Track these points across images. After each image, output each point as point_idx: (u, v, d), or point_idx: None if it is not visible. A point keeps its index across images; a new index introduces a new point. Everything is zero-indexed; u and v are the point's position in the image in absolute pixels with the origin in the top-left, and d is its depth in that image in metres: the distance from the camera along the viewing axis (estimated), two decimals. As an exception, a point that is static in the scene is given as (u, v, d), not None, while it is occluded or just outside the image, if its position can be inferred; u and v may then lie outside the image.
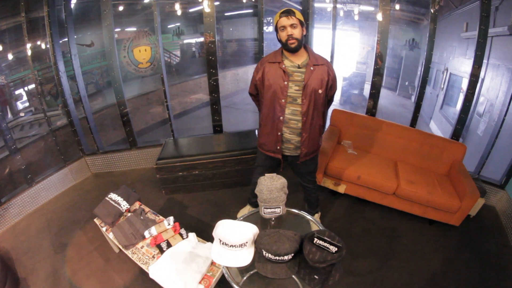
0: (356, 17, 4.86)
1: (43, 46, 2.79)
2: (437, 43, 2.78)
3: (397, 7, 4.18)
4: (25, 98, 2.94)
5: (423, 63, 2.92)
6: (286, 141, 1.85)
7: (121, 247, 1.83)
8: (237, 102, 4.80)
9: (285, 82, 1.69)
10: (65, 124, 3.11)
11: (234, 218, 1.63)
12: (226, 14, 3.89)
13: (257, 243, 1.15)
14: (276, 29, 1.68)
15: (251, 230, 1.17)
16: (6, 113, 2.75)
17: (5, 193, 2.61)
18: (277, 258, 1.09)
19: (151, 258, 1.71)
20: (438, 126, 5.08)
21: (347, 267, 2.07)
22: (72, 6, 2.89)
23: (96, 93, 3.71)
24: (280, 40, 1.69)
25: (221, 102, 3.23)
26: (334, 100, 2.02)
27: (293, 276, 1.14)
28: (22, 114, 2.92)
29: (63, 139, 3.12)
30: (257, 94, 1.93)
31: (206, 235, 1.89)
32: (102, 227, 1.98)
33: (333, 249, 1.05)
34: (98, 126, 3.40)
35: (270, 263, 1.11)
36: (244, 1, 3.62)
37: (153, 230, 1.82)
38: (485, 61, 2.69)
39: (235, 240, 1.12)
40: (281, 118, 1.76)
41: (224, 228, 1.17)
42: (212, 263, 1.63)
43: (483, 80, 3.59)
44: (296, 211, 1.50)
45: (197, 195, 2.88)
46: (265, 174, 1.35)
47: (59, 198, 2.95)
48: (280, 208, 1.32)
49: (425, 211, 2.43)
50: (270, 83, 1.73)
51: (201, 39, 3.75)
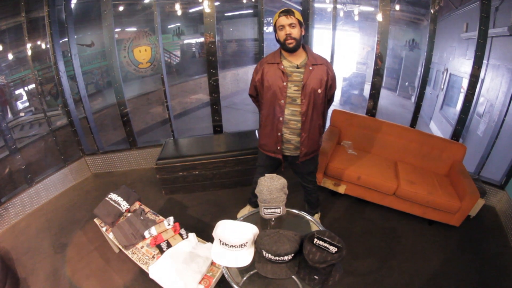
0: (356, 18, 4.86)
1: (43, 46, 2.79)
2: (437, 44, 2.78)
3: (397, 7, 4.19)
4: (25, 98, 2.95)
5: (423, 64, 2.92)
6: (286, 141, 1.84)
7: (121, 247, 1.83)
8: (237, 103, 4.80)
9: (284, 83, 1.68)
10: (65, 124, 3.11)
11: (234, 218, 1.63)
12: (226, 15, 3.90)
13: (257, 244, 1.15)
14: (275, 28, 1.67)
15: (251, 231, 1.17)
16: (6, 113, 2.75)
17: (5, 193, 2.61)
18: (277, 258, 1.09)
19: (151, 258, 1.71)
20: (438, 126, 5.08)
21: (347, 267, 2.07)
22: (73, 6, 2.90)
23: (96, 93, 3.72)
24: (279, 40, 1.68)
25: (221, 103, 3.23)
26: (334, 101, 2.01)
27: (293, 277, 1.14)
28: (22, 114, 2.92)
29: (63, 139, 3.13)
30: (257, 95, 1.92)
31: (206, 235, 1.89)
32: (102, 227, 1.98)
33: (333, 249, 1.05)
34: (98, 126, 3.40)
35: (270, 263, 1.11)
36: (244, 1, 3.62)
37: (153, 230, 1.82)
38: (485, 61, 2.69)
39: (235, 240, 1.12)
40: (280, 118, 1.76)
41: (224, 228, 1.18)
42: (212, 263, 1.63)
43: (483, 80, 3.59)
44: (296, 211, 1.50)
45: (197, 195, 2.88)
46: (265, 175, 1.35)
47: (59, 198, 2.95)
48: (280, 208, 1.32)
49: (425, 211, 2.43)
50: (269, 84, 1.72)
51: (201, 39, 3.75)
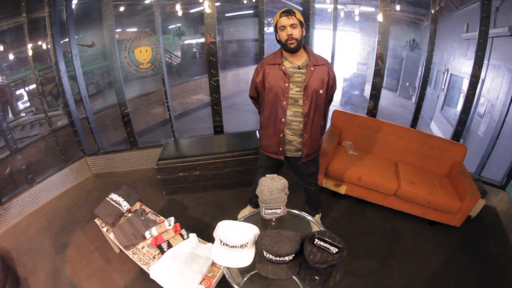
0: (357, 18, 4.85)
1: (44, 47, 2.79)
2: (437, 44, 2.78)
3: (398, 8, 4.18)
4: (26, 98, 2.95)
5: (424, 64, 2.92)
6: (288, 142, 1.84)
7: (121, 248, 1.83)
8: (238, 103, 4.79)
9: (286, 84, 1.68)
10: (66, 124, 3.11)
11: (235, 218, 1.63)
12: (226, 15, 3.89)
13: (258, 244, 1.15)
14: (276, 29, 1.66)
15: (251, 231, 1.17)
16: (7, 113, 2.76)
17: (5, 193, 2.61)
18: (277, 258, 1.09)
19: (151, 258, 1.71)
20: (438, 127, 5.06)
21: (348, 267, 2.07)
22: (73, 6, 2.90)
23: (97, 94, 3.71)
24: (280, 41, 1.67)
25: (222, 103, 3.24)
26: (335, 101, 2.01)
27: (293, 277, 1.14)
28: (23, 114, 2.92)
29: (64, 139, 3.13)
30: (258, 96, 1.92)
31: (206, 236, 1.89)
32: (102, 227, 1.99)
33: (334, 250, 1.05)
34: (99, 126, 3.40)
35: (271, 263, 1.11)
36: (245, 1, 3.62)
37: (154, 231, 1.82)
38: (485, 62, 2.68)
39: (236, 240, 1.12)
40: (282, 120, 1.75)
41: (224, 228, 1.18)
42: (213, 264, 1.63)
43: (483, 81, 3.57)
44: (296, 212, 1.50)
45: (198, 195, 2.88)
46: (266, 175, 1.35)
47: (59, 198, 2.95)
48: (280, 209, 1.32)
49: (426, 212, 2.43)
50: (271, 86, 1.71)
51: (202, 40, 3.74)
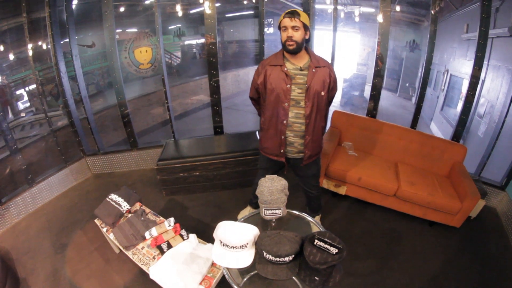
0: (357, 19, 4.86)
1: (44, 47, 2.80)
2: (437, 45, 2.78)
3: (398, 8, 4.19)
4: (26, 98, 2.95)
5: (424, 65, 2.92)
6: (289, 144, 1.83)
7: (121, 248, 1.83)
8: (238, 104, 4.80)
9: (288, 85, 1.67)
10: (66, 124, 3.11)
11: (235, 219, 1.63)
12: (227, 16, 3.90)
13: (258, 245, 1.15)
14: (279, 28, 1.66)
15: (251, 232, 1.17)
16: (7, 113, 2.76)
17: (5, 193, 2.61)
18: (277, 259, 1.09)
19: (151, 259, 1.71)
20: (438, 127, 5.07)
21: (348, 268, 2.07)
22: (74, 7, 2.90)
23: (97, 94, 3.71)
24: (281, 40, 1.68)
25: (222, 104, 3.24)
26: (335, 102, 2.01)
27: (293, 278, 1.14)
28: (23, 114, 2.92)
29: (64, 140, 3.13)
30: (258, 98, 1.90)
31: (206, 236, 1.89)
32: (102, 227, 1.99)
33: (334, 250, 1.05)
34: (99, 126, 3.40)
35: (271, 264, 1.11)
36: (245, 2, 3.63)
37: (154, 231, 1.82)
38: (485, 62, 2.69)
39: (236, 241, 1.12)
40: (284, 121, 1.74)
41: (224, 229, 1.18)
42: (213, 264, 1.63)
43: (483, 81, 3.58)
44: (296, 212, 1.50)
45: (198, 196, 2.88)
46: (266, 176, 1.35)
47: (59, 199, 2.95)
48: (280, 209, 1.32)
49: (426, 212, 2.43)
50: (272, 87, 1.70)
51: (202, 40, 3.75)
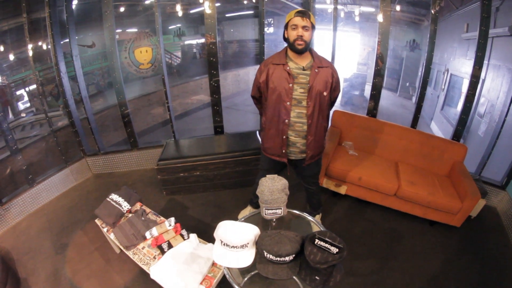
0: (357, 18, 4.85)
1: (44, 47, 2.80)
2: (437, 44, 2.78)
3: (398, 8, 4.18)
4: (26, 98, 2.95)
5: (424, 64, 2.92)
6: (292, 144, 1.81)
7: (122, 248, 1.83)
8: (238, 103, 4.80)
9: (290, 85, 1.66)
10: (66, 124, 3.11)
11: (235, 219, 1.63)
12: (227, 15, 3.90)
13: (258, 244, 1.15)
14: (287, 26, 1.64)
15: (252, 231, 1.17)
16: (7, 114, 2.76)
17: (6, 193, 2.61)
18: (278, 259, 1.09)
19: (152, 259, 1.71)
20: (439, 127, 5.06)
21: (348, 268, 2.07)
22: (74, 7, 2.90)
23: (97, 94, 3.71)
24: (287, 39, 1.65)
25: (222, 103, 3.24)
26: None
27: (294, 277, 1.14)
28: (23, 115, 2.92)
29: (64, 140, 3.13)
30: (260, 97, 1.89)
31: (207, 236, 1.89)
32: (103, 227, 1.99)
33: (334, 250, 1.05)
34: (99, 127, 3.40)
35: (271, 264, 1.11)
36: (245, 2, 3.62)
37: (154, 231, 1.82)
38: (485, 62, 2.69)
39: (236, 241, 1.12)
40: (286, 121, 1.73)
41: (225, 229, 1.18)
42: (213, 264, 1.63)
43: (483, 81, 3.57)
44: (297, 212, 1.50)
45: (198, 196, 2.88)
46: (267, 175, 1.35)
47: (60, 199, 2.95)
48: (281, 209, 1.32)
49: (426, 212, 2.43)
50: (274, 86, 1.69)
51: (202, 40, 3.75)
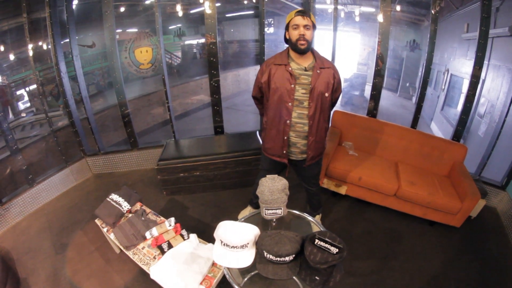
0: (357, 18, 4.85)
1: (44, 47, 2.80)
2: (437, 44, 2.78)
3: (398, 8, 4.18)
4: (26, 98, 2.95)
5: (424, 64, 2.92)
6: (292, 144, 1.81)
7: (122, 248, 1.83)
8: (238, 103, 4.79)
9: (292, 85, 1.65)
10: (66, 124, 3.11)
11: (235, 219, 1.63)
12: (227, 16, 3.90)
13: (258, 244, 1.15)
14: (287, 27, 1.63)
15: (252, 231, 1.17)
16: (7, 114, 2.76)
17: (6, 193, 2.61)
18: (278, 259, 1.09)
19: (152, 259, 1.71)
20: (439, 127, 5.06)
21: (348, 268, 2.07)
22: (74, 7, 2.90)
23: (97, 94, 3.71)
24: (289, 39, 1.63)
25: (222, 103, 3.23)
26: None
27: (294, 277, 1.14)
28: (23, 115, 2.92)
29: (64, 140, 3.13)
30: (261, 97, 1.89)
31: (207, 236, 1.89)
32: (103, 227, 1.99)
33: (334, 250, 1.05)
34: (99, 127, 3.40)
35: (271, 264, 1.11)
36: (245, 2, 3.63)
37: (154, 231, 1.82)
38: (486, 62, 2.69)
39: (237, 241, 1.12)
40: (287, 121, 1.73)
41: (225, 229, 1.18)
42: (213, 264, 1.63)
43: (484, 81, 3.58)
44: (297, 212, 1.51)
45: (198, 196, 2.88)
46: (267, 176, 1.35)
47: (60, 199, 2.95)
48: (281, 209, 1.32)
49: (426, 212, 2.43)
50: (276, 86, 1.68)
51: (203, 40, 3.75)
